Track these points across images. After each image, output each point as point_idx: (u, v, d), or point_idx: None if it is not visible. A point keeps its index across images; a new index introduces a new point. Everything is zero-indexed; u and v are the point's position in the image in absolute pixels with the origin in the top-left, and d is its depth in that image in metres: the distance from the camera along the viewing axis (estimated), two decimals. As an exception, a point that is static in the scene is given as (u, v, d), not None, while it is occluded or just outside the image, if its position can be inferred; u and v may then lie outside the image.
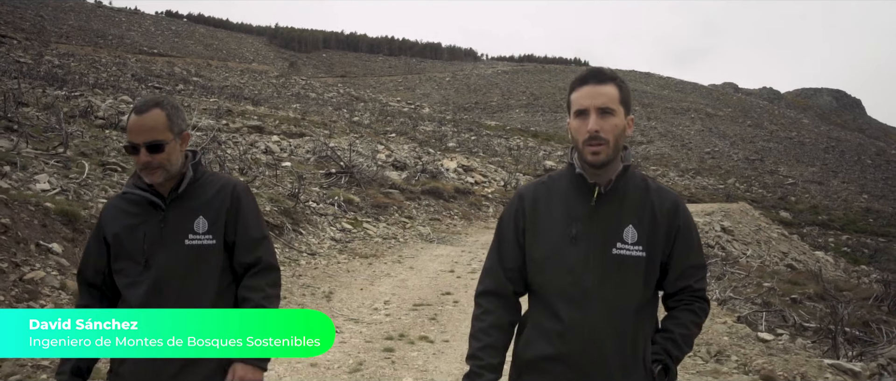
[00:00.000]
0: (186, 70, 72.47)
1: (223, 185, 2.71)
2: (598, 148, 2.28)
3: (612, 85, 2.34)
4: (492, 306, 2.44)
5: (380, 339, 7.09)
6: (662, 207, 2.37)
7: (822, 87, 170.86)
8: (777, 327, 10.94)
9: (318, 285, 9.67)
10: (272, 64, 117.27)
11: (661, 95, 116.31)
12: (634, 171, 2.44)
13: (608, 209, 2.34)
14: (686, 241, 2.40)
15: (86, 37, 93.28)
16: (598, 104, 2.29)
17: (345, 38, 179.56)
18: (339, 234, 14.44)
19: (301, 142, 26.78)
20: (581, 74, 2.41)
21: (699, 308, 2.43)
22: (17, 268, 6.46)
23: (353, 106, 66.80)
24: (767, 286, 14.31)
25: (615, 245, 2.31)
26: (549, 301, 2.35)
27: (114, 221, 2.66)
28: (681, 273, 2.40)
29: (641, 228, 2.33)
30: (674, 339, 2.36)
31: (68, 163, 11.43)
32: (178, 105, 2.67)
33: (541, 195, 2.46)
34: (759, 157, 79.13)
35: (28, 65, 45.28)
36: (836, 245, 42.39)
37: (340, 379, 5.78)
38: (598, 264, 2.30)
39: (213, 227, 2.63)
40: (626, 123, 2.36)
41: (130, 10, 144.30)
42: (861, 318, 12.55)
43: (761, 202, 50.22)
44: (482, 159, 35.23)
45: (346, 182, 19.39)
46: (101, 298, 2.70)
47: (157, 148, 2.52)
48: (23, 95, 23.22)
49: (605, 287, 2.29)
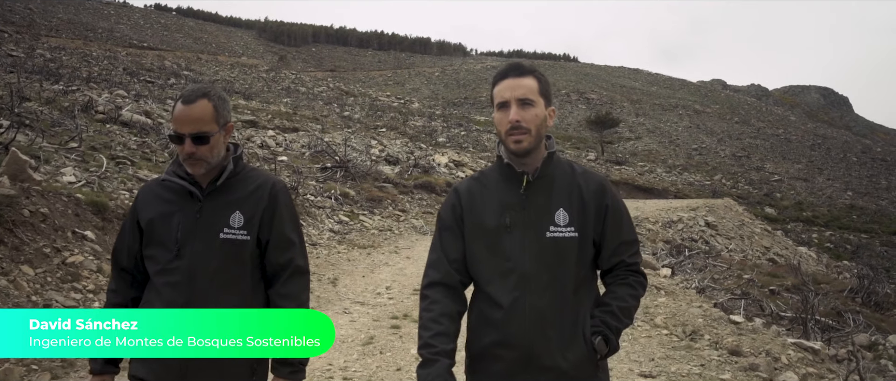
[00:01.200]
0: (176, 64, 72.27)
1: (263, 182, 2.70)
2: (520, 136, 2.40)
3: (531, 77, 2.46)
4: (439, 296, 2.50)
5: (386, 318, 7.80)
6: (589, 188, 2.50)
7: (809, 84, 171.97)
8: (754, 316, 11.59)
9: (322, 273, 10.29)
10: (262, 58, 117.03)
11: (650, 91, 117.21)
12: (559, 157, 2.56)
13: (538, 195, 2.47)
14: (615, 218, 2.52)
15: (75, 30, 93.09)
16: (517, 95, 2.41)
17: (334, 33, 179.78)
18: (337, 226, 15.01)
19: (296, 137, 27.31)
20: (501, 68, 2.53)
21: (635, 281, 2.55)
22: (58, 253, 7.07)
23: (344, 101, 67.05)
24: (747, 278, 14.97)
25: (548, 229, 2.43)
26: (489, 290, 2.46)
27: (149, 206, 2.67)
28: (614, 250, 2.53)
29: (571, 210, 2.45)
30: (612, 311, 2.47)
31: (85, 157, 11.99)
32: (224, 96, 2.68)
33: (474, 189, 2.56)
34: (746, 153, 80.00)
35: (20, 58, 45.17)
36: (820, 241, 43.04)
37: (355, 351, 6.52)
38: (534, 249, 2.42)
39: (249, 223, 2.62)
40: (546, 113, 2.48)
41: (119, 2, 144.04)
42: (835, 308, 13.22)
43: (747, 199, 50.87)
44: (472, 154, 35.84)
45: (341, 176, 19.95)
46: (131, 282, 2.72)
47: (202, 139, 2.53)
48: (22, 90, 23.62)
49: (542, 270, 2.41)
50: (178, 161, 2.64)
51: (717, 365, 6.18)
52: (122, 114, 20.65)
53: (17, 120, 14.77)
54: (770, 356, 6.28)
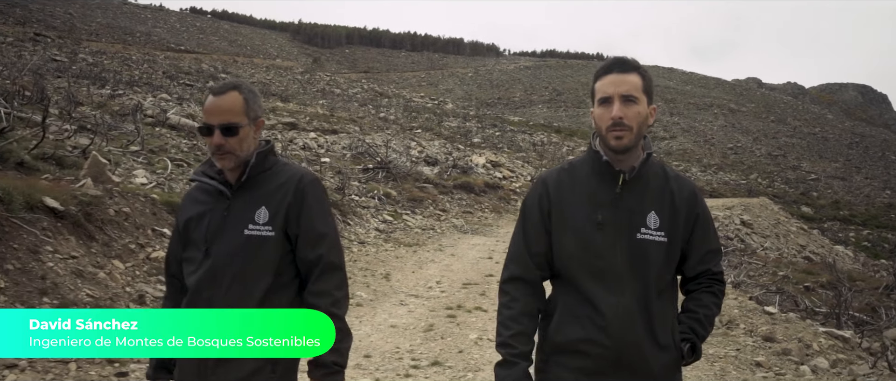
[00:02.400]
0: (213, 66, 72.91)
1: (291, 176, 2.62)
2: (621, 133, 2.35)
3: (636, 74, 2.41)
4: (520, 293, 2.48)
5: (441, 309, 8.42)
6: (682, 194, 2.46)
7: (847, 82, 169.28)
8: (789, 310, 11.96)
9: (374, 269, 10.89)
10: (296, 60, 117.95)
11: (684, 90, 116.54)
12: (654, 159, 2.51)
13: (632, 196, 2.42)
14: (704, 227, 2.49)
15: (114, 34, 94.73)
16: (621, 91, 2.35)
17: (367, 34, 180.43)
18: (381, 225, 15.61)
19: (336, 138, 28.00)
20: (605, 62, 2.47)
21: (718, 290, 2.54)
22: (142, 249, 7.75)
23: (379, 102, 67.50)
24: (782, 275, 15.31)
25: (639, 231, 2.38)
26: (581, 286, 2.40)
27: (187, 209, 2.69)
28: (700, 258, 2.50)
29: (663, 214, 2.41)
30: (699, 319, 2.46)
31: (150, 160, 12.72)
32: (255, 91, 2.66)
33: (563, 181, 2.50)
34: (782, 152, 79.46)
35: (64, 63, 46.10)
36: (857, 240, 42.77)
37: (418, 336, 7.16)
38: (625, 250, 2.37)
39: (274, 218, 2.55)
40: (648, 111, 2.42)
41: (155, 6, 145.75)
42: (870, 305, 13.54)
43: (783, 198, 50.68)
44: (509, 155, 36.32)
45: (382, 177, 20.58)
46: (180, 287, 2.69)
47: (231, 131, 2.50)
48: (75, 95, 24.51)
49: (633, 272, 2.37)
50: (209, 161, 2.65)
51: (752, 350, 6.67)
52: (169, 117, 21.42)
53: (80, 124, 15.61)
54: (802, 342, 6.73)
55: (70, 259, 6.71)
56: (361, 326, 7.37)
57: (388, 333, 7.23)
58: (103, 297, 6.53)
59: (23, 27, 73.55)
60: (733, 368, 6.17)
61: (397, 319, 7.91)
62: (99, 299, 6.47)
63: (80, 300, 6.27)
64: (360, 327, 7.30)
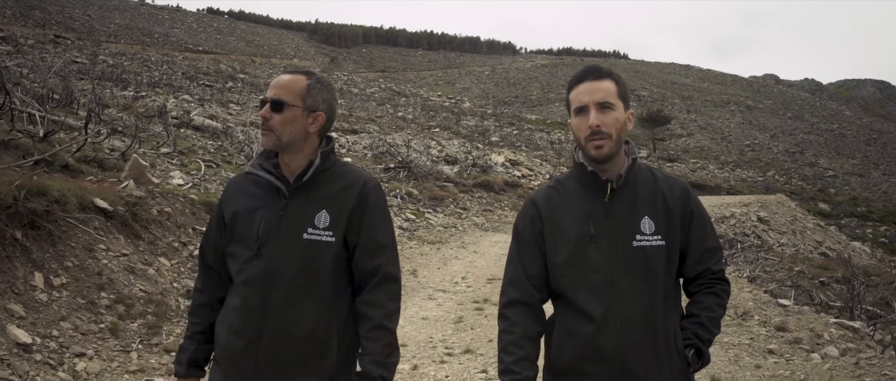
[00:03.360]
0: (232, 67, 73.47)
1: (353, 180, 2.54)
2: (601, 142, 2.31)
3: (610, 80, 2.37)
4: (520, 317, 2.43)
5: (468, 303, 8.87)
6: (673, 194, 2.42)
7: (865, 77, 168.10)
8: (804, 304, 12.29)
9: (401, 265, 11.25)
10: (313, 60, 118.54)
11: (701, 87, 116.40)
12: (640, 163, 2.47)
13: (622, 204, 2.38)
14: (700, 225, 2.45)
15: (133, 35, 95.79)
16: (596, 99, 2.32)
17: (384, 33, 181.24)
18: (405, 223, 16.00)
19: (357, 138, 28.45)
20: (578, 72, 2.44)
21: (721, 289, 2.47)
22: (185, 246, 8.20)
23: (396, 101, 67.85)
24: (797, 270, 15.59)
25: (635, 238, 2.35)
26: (577, 303, 2.36)
27: (235, 199, 2.57)
28: (699, 257, 2.45)
29: (657, 217, 2.38)
30: (702, 322, 2.40)
31: (183, 161, 13.20)
32: (329, 85, 2.61)
33: (553, 198, 2.47)
34: (800, 149, 79.31)
35: (84, 65, 46.57)
36: (875, 236, 42.76)
37: (449, 328, 7.64)
38: (621, 259, 2.34)
39: (335, 224, 2.46)
40: (626, 117, 2.39)
41: (173, 7, 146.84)
42: (884, 299, 13.82)
43: (800, 194, 50.71)
44: (527, 153, 36.68)
45: (404, 176, 20.99)
46: (217, 280, 2.63)
47: (278, 106, 2.42)
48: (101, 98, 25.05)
49: (631, 281, 2.32)
50: (265, 153, 2.56)
51: (765, 339, 7.04)
52: (193, 118, 21.84)
53: (111, 127, 16.11)
54: (813, 332, 7.08)
55: (122, 256, 7.17)
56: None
57: (420, 325, 7.72)
58: (154, 292, 6.99)
59: (43, 29, 74.65)
60: (747, 354, 6.54)
61: (428, 312, 8.39)
62: (151, 293, 6.93)
63: (134, 295, 6.72)
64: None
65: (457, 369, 6.30)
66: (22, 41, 55.93)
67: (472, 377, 6.12)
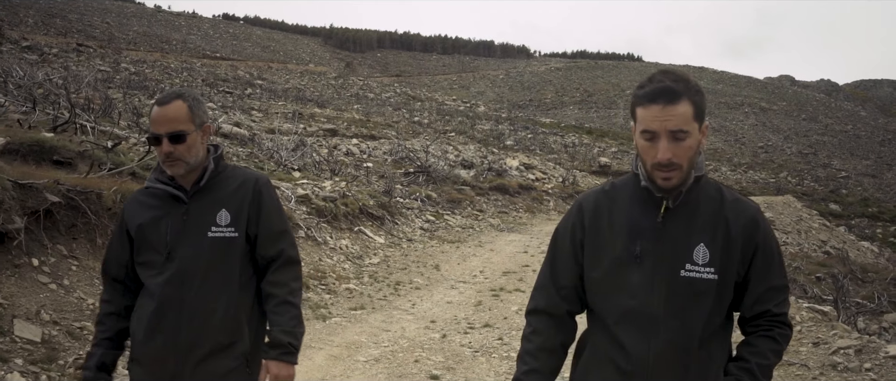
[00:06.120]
0: (249, 73, 73.91)
1: (245, 178, 2.76)
2: (671, 174, 2.07)
3: (686, 102, 2.05)
4: (542, 326, 2.29)
5: (486, 291, 10.13)
6: (738, 221, 2.14)
7: (882, 78, 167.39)
8: (798, 298, 13.25)
9: (425, 261, 12.45)
10: (329, 65, 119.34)
11: (715, 89, 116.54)
12: (708, 180, 2.21)
13: (677, 225, 2.13)
14: (766, 260, 2.15)
15: (152, 42, 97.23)
16: (670, 127, 2.03)
17: (398, 38, 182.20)
18: (425, 224, 17.09)
19: (377, 144, 29.57)
20: (649, 88, 2.09)
21: (779, 335, 2.18)
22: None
23: (412, 106, 68.38)
24: (794, 266, 16.55)
25: (684, 266, 2.10)
26: (610, 327, 2.17)
27: (136, 214, 2.72)
28: (759, 297, 2.17)
29: (714, 246, 2.11)
30: (750, 369, 2.12)
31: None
32: (199, 98, 2.72)
33: (602, 206, 2.24)
34: (813, 150, 79.74)
35: (108, 73, 47.50)
36: (884, 236, 43.24)
37: (470, 309, 8.97)
38: (665, 288, 2.10)
39: (236, 220, 2.67)
40: (700, 137, 2.10)
41: (189, 13, 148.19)
42: (876, 293, 14.76)
43: (811, 195, 51.20)
44: (541, 157, 37.70)
45: (423, 180, 22.09)
46: (123, 291, 2.76)
47: (178, 138, 2.56)
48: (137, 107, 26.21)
49: (673, 314, 2.09)
50: (159, 168, 2.72)
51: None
52: (221, 126, 22.83)
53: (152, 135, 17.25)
54: (786, 315, 8.10)
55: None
56: (423, 303, 9.28)
57: (445, 307, 9.03)
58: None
59: (65, 38, 76.23)
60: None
61: (451, 298, 9.64)
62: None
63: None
64: (422, 304, 9.24)
65: (477, 337, 7.61)
66: (47, 50, 57.35)
67: (491, 343, 7.43)
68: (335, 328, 7.74)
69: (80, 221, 6.93)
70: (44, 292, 5.93)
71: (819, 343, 6.68)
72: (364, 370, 6.35)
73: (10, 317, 5.32)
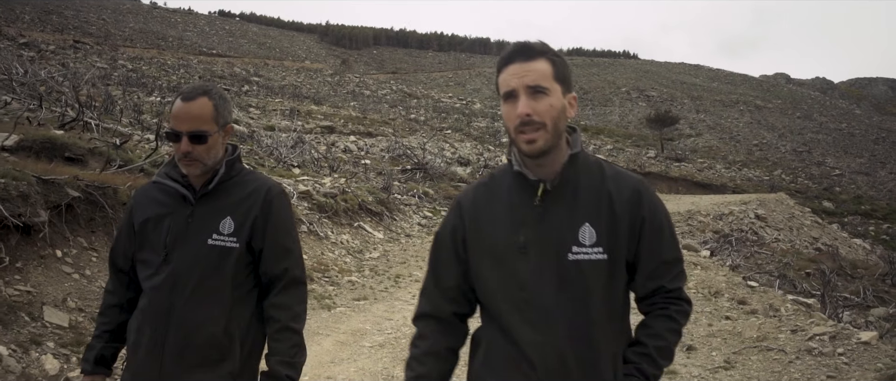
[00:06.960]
0: (245, 70, 73.87)
1: (257, 187, 2.59)
2: (534, 135, 1.96)
3: (544, 59, 2.01)
4: (427, 330, 2.21)
5: None
6: (621, 195, 2.04)
7: (877, 76, 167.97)
8: (787, 293, 13.66)
9: (423, 256, 12.75)
10: (325, 62, 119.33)
11: (711, 87, 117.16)
12: (587, 157, 2.11)
13: (558, 207, 2.03)
14: (654, 233, 2.06)
15: (148, 39, 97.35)
16: (527, 82, 1.97)
17: (394, 35, 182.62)
18: (423, 220, 17.42)
19: (374, 141, 29.92)
20: (507, 50, 2.07)
21: (676, 311, 2.09)
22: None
23: (408, 103, 68.55)
24: (784, 262, 16.95)
25: (571, 249, 1.99)
26: (502, 322, 2.07)
27: (143, 208, 2.61)
28: (651, 272, 2.07)
29: (599, 224, 2.01)
30: (648, 354, 2.04)
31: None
32: (225, 95, 2.58)
33: (480, 199, 2.15)
34: (807, 148, 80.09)
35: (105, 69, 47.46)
36: (877, 233, 43.58)
37: None
38: (554, 275, 2.00)
39: (239, 230, 2.52)
40: (566, 102, 2.03)
41: (185, 10, 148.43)
42: (863, 288, 15.17)
43: (805, 193, 51.58)
44: (536, 154, 38.00)
45: (420, 177, 22.42)
46: (128, 283, 2.68)
47: (199, 139, 2.42)
48: (137, 104, 26.53)
49: (565, 301, 1.99)
50: (172, 162, 2.59)
51: (727, 309, 8.48)
52: (227, 123, 23.23)
53: (155, 132, 17.59)
54: (771, 306, 8.48)
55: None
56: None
57: None
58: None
59: (61, 34, 76.36)
60: (705, 318, 7.97)
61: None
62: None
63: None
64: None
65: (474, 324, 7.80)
66: (44, 47, 57.53)
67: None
68: (340, 317, 8.07)
69: (98, 215, 7.29)
70: (68, 282, 6.29)
71: (797, 330, 7.05)
72: (369, 354, 6.70)
73: (40, 304, 5.69)
